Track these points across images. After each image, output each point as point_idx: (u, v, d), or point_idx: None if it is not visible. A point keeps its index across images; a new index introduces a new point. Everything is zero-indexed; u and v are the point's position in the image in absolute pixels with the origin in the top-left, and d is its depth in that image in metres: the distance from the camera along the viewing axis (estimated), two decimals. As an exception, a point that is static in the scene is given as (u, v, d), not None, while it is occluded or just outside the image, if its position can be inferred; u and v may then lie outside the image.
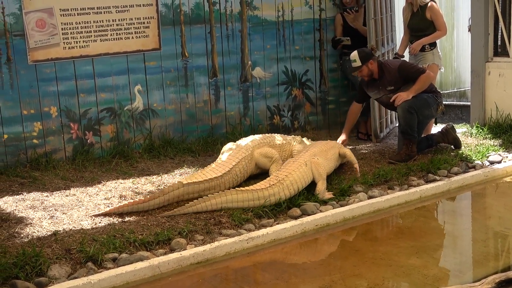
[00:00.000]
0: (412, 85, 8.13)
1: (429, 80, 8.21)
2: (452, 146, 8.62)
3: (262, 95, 9.58)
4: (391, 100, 8.17)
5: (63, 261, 5.32)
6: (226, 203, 6.43)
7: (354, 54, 8.15)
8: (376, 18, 9.18)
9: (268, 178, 6.80)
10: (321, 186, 6.93)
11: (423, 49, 8.84)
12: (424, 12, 8.79)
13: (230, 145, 7.64)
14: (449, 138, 8.59)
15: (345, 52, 9.52)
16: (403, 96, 8.07)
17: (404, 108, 8.04)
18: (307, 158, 7.01)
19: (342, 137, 8.38)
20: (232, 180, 7.04)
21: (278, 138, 7.77)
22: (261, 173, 7.40)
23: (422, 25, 8.85)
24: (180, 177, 7.51)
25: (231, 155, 7.25)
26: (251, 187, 6.62)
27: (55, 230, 5.87)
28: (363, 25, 9.46)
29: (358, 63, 8.11)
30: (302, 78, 9.90)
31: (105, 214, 6.30)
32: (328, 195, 6.92)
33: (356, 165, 7.68)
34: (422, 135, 8.52)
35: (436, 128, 9.19)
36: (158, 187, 7.19)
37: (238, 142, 7.62)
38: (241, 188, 6.57)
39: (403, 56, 9.01)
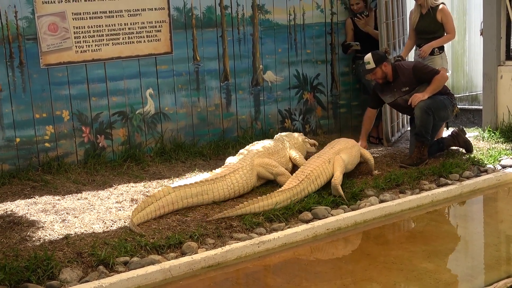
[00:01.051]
0: (426, 85, 8.13)
1: (443, 80, 8.23)
2: (463, 150, 8.60)
3: (273, 99, 9.58)
4: (408, 103, 8.16)
5: (74, 265, 5.33)
6: (273, 205, 6.51)
7: (368, 57, 8.16)
8: (388, 22, 9.17)
9: (294, 175, 6.97)
10: (339, 174, 7.05)
11: (432, 53, 8.78)
12: (435, 14, 8.75)
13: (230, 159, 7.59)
14: (460, 141, 8.57)
15: (358, 56, 9.53)
16: (419, 96, 8.07)
17: (422, 108, 8.03)
18: (331, 156, 7.21)
19: (361, 144, 8.39)
20: (227, 188, 6.90)
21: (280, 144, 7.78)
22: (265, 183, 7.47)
23: (432, 27, 8.81)
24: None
25: (229, 165, 7.24)
26: (285, 186, 6.77)
27: (67, 234, 5.89)
28: (375, 29, 9.45)
29: (372, 65, 8.13)
30: (313, 82, 9.90)
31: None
32: (341, 191, 6.99)
33: (374, 172, 7.83)
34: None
35: (447, 132, 9.15)
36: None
37: (241, 151, 7.61)
38: (280, 190, 6.69)
39: (405, 60, 8.98)
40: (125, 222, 6.21)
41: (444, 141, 8.60)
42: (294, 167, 7.64)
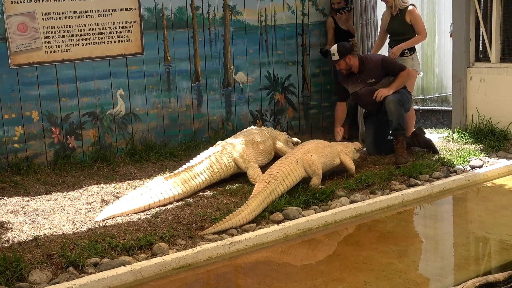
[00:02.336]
0: (391, 79, 8.39)
1: (409, 77, 8.50)
2: (431, 151, 8.68)
3: (244, 99, 9.58)
4: (373, 97, 8.31)
5: (44, 266, 5.29)
6: (252, 213, 6.40)
7: (334, 48, 8.40)
8: (363, 23, 9.28)
9: (261, 177, 6.94)
10: (315, 180, 7.17)
11: (402, 54, 8.90)
12: (403, 16, 8.87)
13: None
14: (419, 141, 8.70)
15: None
16: (384, 92, 8.27)
17: (395, 101, 8.22)
18: (299, 156, 7.19)
19: (337, 129, 8.68)
20: (209, 172, 7.34)
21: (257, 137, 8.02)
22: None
23: (402, 29, 8.94)
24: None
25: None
26: (254, 192, 6.68)
27: (36, 235, 5.84)
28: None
29: (336, 57, 8.37)
30: (284, 83, 9.92)
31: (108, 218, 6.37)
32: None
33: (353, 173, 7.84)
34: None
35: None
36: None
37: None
38: (251, 196, 6.59)
39: None
40: (95, 223, 6.18)
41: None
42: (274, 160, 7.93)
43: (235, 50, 9.43)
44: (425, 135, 8.84)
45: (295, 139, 8.64)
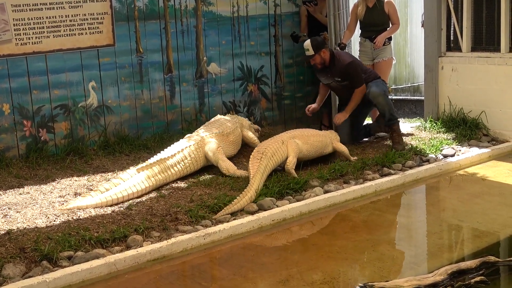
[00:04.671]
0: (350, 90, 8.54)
1: (362, 96, 8.55)
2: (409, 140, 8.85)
3: (217, 91, 9.56)
4: (333, 122, 8.63)
5: (17, 260, 5.25)
6: (257, 190, 6.68)
7: (307, 43, 8.43)
8: (335, 13, 9.32)
9: (251, 156, 7.11)
10: (291, 159, 7.32)
11: (383, 43, 9.23)
12: (382, 7, 9.15)
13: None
14: (383, 126, 8.82)
15: None
16: (340, 117, 8.54)
17: (381, 94, 8.44)
18: (285, 138, 7.46)
19: (313, 105, 8.94)
20: (183, 166, 7.36)
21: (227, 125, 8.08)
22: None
23: (382, 19, 9.27)
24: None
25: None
26: (253, 171, 6.87)
27: (9, 229, 5.79)
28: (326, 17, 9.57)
29: (311, 52, 8.43)
30: (257, 73, 9.91)
31: (68, 210, 6.31)
32: (295, 173, 7.26)
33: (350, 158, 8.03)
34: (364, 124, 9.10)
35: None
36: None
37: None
38: (252, 176, 6.80)
39: (345, 45, 9.23)
40: (68, 216, 6.14)
41: (370, 126, 9.07)
42: (243, 148, 8.21)
43: (207, 41, 9.40)
44: None
45: (255, 126, 8.84)
